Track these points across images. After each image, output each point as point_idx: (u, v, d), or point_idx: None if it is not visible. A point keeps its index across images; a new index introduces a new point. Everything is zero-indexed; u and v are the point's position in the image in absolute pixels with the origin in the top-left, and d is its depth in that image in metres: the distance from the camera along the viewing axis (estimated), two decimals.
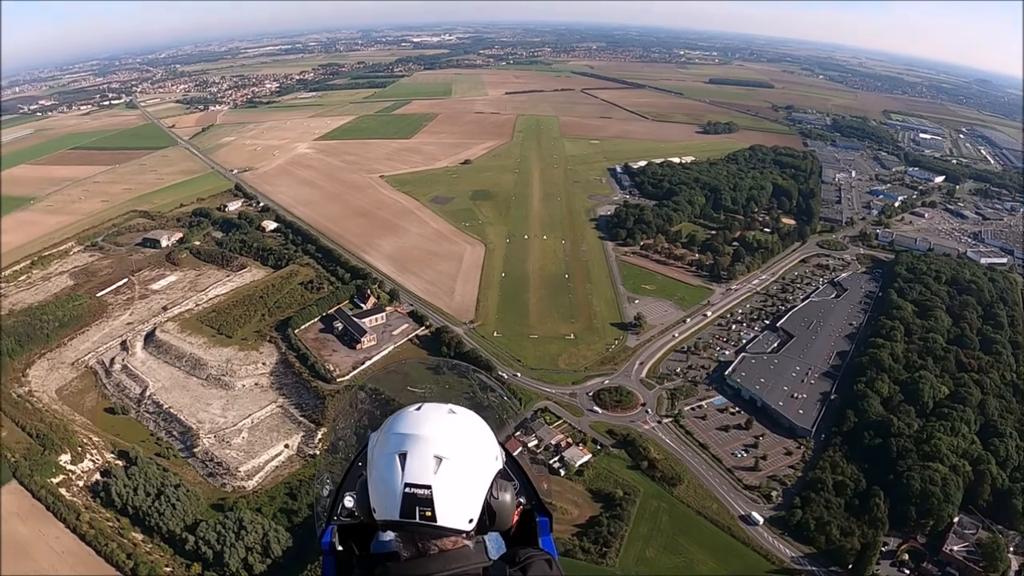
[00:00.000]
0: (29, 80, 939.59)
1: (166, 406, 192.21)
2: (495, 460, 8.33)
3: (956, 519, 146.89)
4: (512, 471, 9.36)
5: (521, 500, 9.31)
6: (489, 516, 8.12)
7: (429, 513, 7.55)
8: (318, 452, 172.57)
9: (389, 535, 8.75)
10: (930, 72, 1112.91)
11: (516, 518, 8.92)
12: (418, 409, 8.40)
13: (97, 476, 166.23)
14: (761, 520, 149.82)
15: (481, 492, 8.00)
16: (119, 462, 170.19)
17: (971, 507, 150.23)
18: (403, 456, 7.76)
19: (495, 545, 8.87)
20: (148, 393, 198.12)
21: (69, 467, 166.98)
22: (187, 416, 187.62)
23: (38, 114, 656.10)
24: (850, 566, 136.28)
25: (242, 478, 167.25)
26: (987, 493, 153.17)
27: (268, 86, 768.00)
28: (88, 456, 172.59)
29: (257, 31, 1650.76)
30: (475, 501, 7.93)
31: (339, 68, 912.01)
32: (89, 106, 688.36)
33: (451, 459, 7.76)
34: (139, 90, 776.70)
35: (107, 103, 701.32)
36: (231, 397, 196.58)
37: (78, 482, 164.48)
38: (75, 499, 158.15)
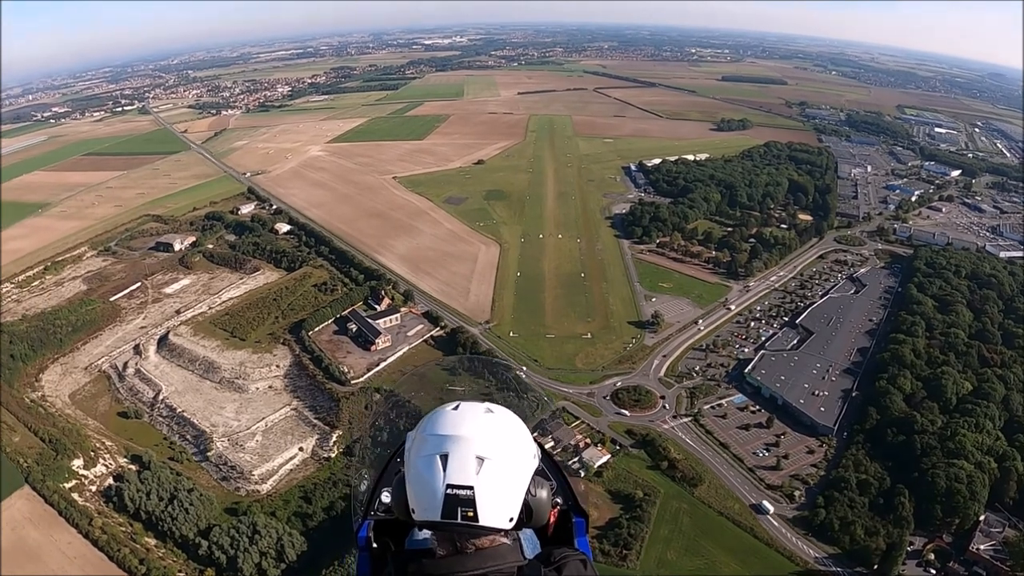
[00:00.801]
0: (43, 88, 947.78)
1: (179, 410, 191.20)
2: (533, 458, 8.24)
3: (982, 517, 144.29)
4: (550, 471, 9.47)
5: (558, 500, 9.31)
6: (526, 513, 8.08)
7: (471, 513, 7.42)
8: (333, 455, 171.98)
9: (425, 532, 8.66)
10: (942, 67, 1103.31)
11: (553, 518, 8.99)
12: (455, 409, 8.32)
13: (110, 481, 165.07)
14: (771, 509, 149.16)
15: (521, 491, 7.92)
16: (132, 466, 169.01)
17: (998, 505, 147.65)
18: (444, 457, 7.64)
19: (530, 544, 8.73)
20: (161, 397, 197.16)
21: (82, 472, 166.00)
22: (200, 420, 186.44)
23: (51, 121, 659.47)
24: (875, 567, 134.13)
25: (256, 482, 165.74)
26: (1013, 490, 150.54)
27: (280, 90, 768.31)
28: (101, 461, 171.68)
29: (268, 36, 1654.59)
30: (515, 500, 7.85)
31: (350, 71, 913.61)
32: (102, 112, 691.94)
33: (492, 459, 7.66)
34: (152, 96, 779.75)
35: (120, 109, 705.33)
36: (245, 400, 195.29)
37: (91, 487, 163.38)
38: (88, 504, 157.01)
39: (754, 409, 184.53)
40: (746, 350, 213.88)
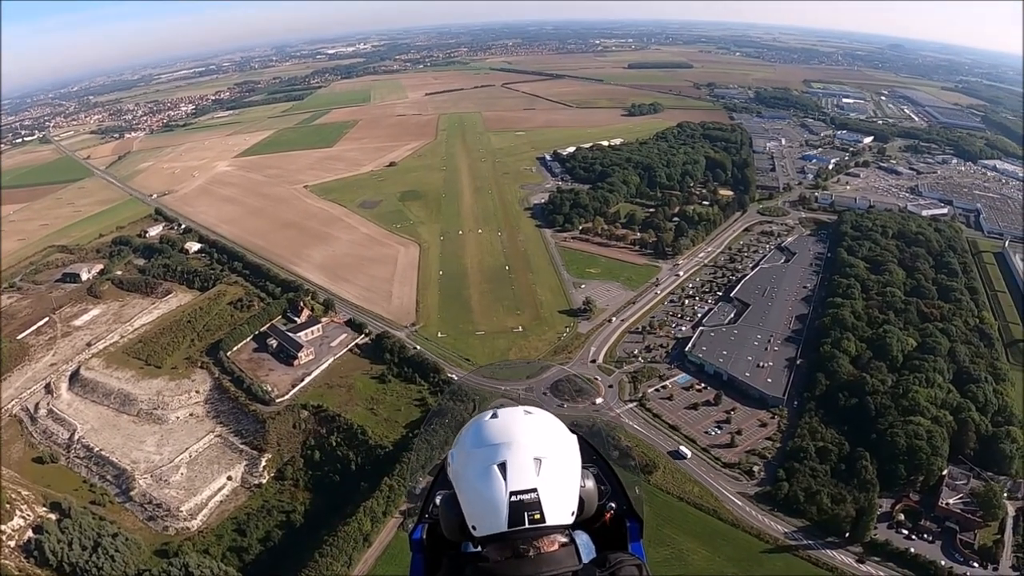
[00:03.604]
0: None
1: (97, 449, 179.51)
2: (577, 450, 8.29)
3: (946, 471, 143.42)
4: (605, 475, 9.65)
5: (612, 504, 9.30)
6: (578, 506, 8.07)
7: (538, 516, 7.46)
8: (264, 481, 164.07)
9: None
10: (843, 42, 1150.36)
11: (607, 521, 9.15)
12: (495, 417, 8.30)
13: (29, 533, 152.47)
14: (689, 454, 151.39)
15: (576, 483, 8.05)
16: (52, 515, 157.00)
17: (960, 457, 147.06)
18: (502, 466, 7.60)
19: (586, 549, 8.34)
20: (77, 437, 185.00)
21: None
22: (120, 457, 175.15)
23: None
24: (847, 534, 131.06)
25: (185, 518, 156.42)
26: (972, 441, 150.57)
27: (184, 109, 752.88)
28: (18, 512, 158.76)
29: (170, 56, 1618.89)
30: (574, 494, 7.96)
31: (255, 85, 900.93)
32: (2, 145, 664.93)
33: (549, 458, 7.76)
34: (52, 124, 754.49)
35: (20, 140, 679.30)
36: (165, 431, 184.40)
37: (9, 542, 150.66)
38: (7, 562, 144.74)
39: (700, 387, 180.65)
40: (684, 328, 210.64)
